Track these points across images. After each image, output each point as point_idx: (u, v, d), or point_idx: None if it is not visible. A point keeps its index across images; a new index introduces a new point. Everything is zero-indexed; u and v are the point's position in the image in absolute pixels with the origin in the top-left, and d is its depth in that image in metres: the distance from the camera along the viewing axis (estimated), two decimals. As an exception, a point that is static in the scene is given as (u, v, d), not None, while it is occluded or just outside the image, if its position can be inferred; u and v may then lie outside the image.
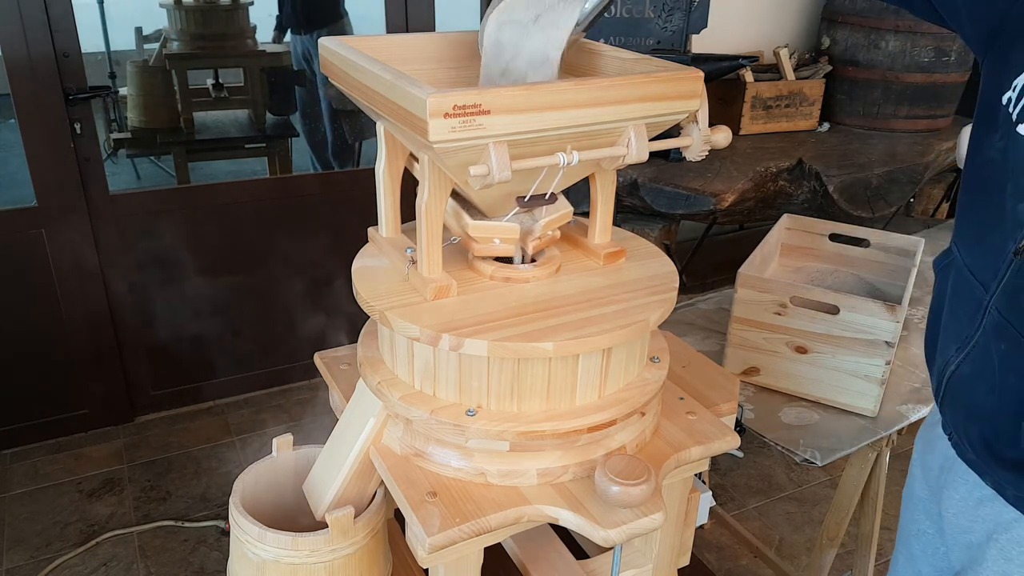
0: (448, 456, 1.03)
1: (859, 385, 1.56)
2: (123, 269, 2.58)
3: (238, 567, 1.14)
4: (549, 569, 1.14)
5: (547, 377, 0.99)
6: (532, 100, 0.88)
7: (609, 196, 1.14)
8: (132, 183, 4.13)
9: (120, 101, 3.38)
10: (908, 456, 1.23)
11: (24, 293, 2.46)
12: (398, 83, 0.89)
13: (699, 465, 1.15)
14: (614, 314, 1.01)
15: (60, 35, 2.26)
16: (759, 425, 1.54)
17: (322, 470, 1.17)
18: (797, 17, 3.43)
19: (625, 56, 1.07)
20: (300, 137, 3.68)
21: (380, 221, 1.18)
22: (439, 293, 1.02)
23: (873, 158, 2.86)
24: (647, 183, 2.52)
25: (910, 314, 1.94)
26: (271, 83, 3.45)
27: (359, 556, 1.11)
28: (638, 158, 0.97)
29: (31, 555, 2.19)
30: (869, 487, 1.74)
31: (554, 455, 1.03)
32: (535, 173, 0.96)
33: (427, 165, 0.97)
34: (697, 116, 1.03)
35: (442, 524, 0.94)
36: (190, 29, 3.21)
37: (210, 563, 2.18)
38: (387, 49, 1.14)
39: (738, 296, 1.62)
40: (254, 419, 2.80)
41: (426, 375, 1.03)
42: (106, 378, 2.67)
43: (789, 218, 1.94)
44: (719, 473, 2.58)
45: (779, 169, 2.68)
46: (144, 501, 2.40)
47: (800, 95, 3.09)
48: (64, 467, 2.54)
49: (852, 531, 1.88)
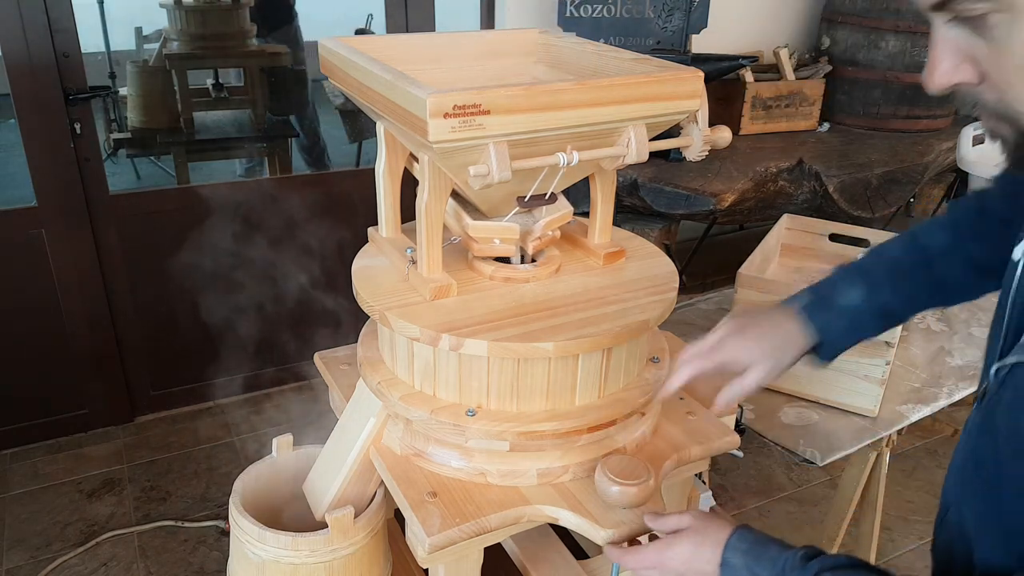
0: (448, 456, 1.03)
1: (859, 385, 1.56)
2: (123, 269, 2.58)
3: (238, 567, 1.14)
4: (549, 569, 1.14)
5: (547, 377, 0.99)
6: (532, 100, 0.88)
7: (609, 196, 1.14)
8: (132, 183, 4.13)
9: (120, 101, 3.38)
10: (908, 456, 1.23)
11: (24, 293, 2.46)
12: (398, 83, 0.89)
13: (699, 465, 1.15)
14: (614, 314, 1.01)
15: (60, 35, 2.26)
16: (759, 425, 1.54)
17: (322, 470, 1.17)
18: (797, 17, 3.43)
19: (625, 56, 1.07)
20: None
21: (380, 221, 1.18)
22: (439, 293, 1.02)
23: (873, 158, 2.86)
24: (647, 183, 2.52)
25: (910, 314, 1.94)
26: (271, 83, 3.44)
27: (359, 556, 1.11)
28: (638, 158, 0.97)
29: (31, 555, 2.19)
30: (869, 487, 1.74)
31: (554, 455, 1.03)
32: (535, 173, 0.96)
33: (427, 165, 0.97)
34: (697, 116, 1.03)
35: (442, 524, 0.94)
36: (190, 29, 3.20)
37: (210, 563, 2.18)
38: (387, 49, 1.14)
39: (738, 296, 1.62)
40: (254, 419, 2.80)
41: (426, 375, 1.03)
42: (106, 378, 2.67)
43: (789, 218, 1.94)
44: (719, 473, 2.57)
45: (779, 169, 2.68)
46: (144, 501, 2.40)
47: (800, 95, 3.09)
48: (64, 467, 2.54)
49: (852, 531, 1.88)
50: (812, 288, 1.00)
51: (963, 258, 0.98)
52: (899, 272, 0.99)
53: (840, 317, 0.97)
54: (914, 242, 1.01)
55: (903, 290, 0.99)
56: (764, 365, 0.95)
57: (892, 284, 0.98)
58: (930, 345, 1.84)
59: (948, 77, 0.65)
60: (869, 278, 0.99)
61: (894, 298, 0.98)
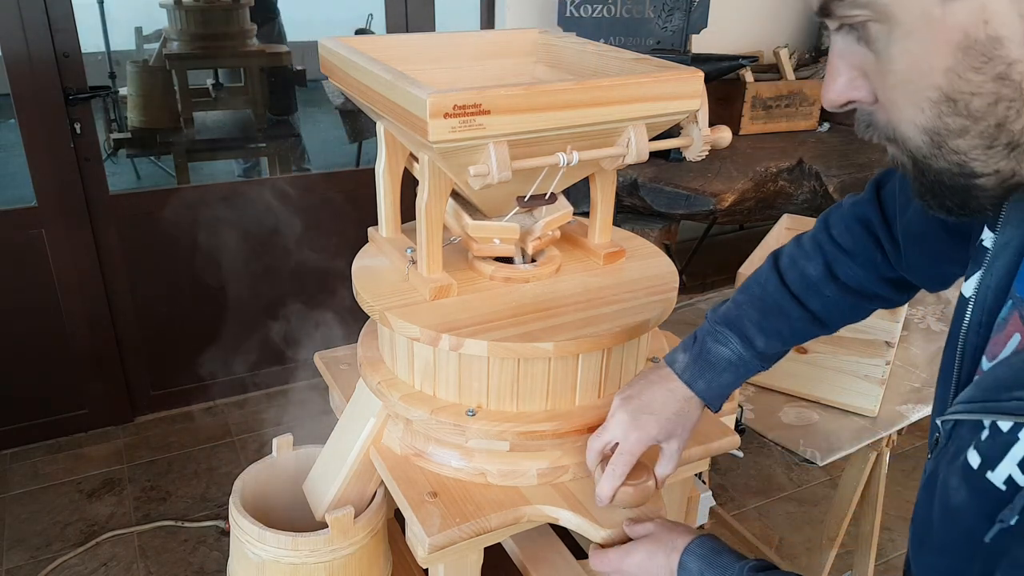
0: (448, 456, 1.03)
1: (859, 385, 1.56)
2: (123, 269, 2.58)
3: (238, 567, 1.14)
4: (549, 569, 1.14)
5: (547, 377, 0.99)
6: (532, 100, 0.88)
7: (609, 196, 1.14)
8: (132, 183, 4.13)
9: (120, 101, 3.38)
10: (908, 456, 1.23)
11: (24, 293, 2.46)
12: (398, 83, 0.89)
13: (699, 465, 1.15)
14: (614, 314, 1.01)
15: (60, 35, 2.26)
16: (759, 425, 1.54)
17: (322, 470, 1.17)
18: (797, 17, 3.43)
19: (625, 56, 1.07)
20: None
21: (380, 221, 1.18)
22: (439, 293, 1.02)
23: (873, 158, 2.86)
24: (647, 183, 2.52)
25: (910, 314, 1.94)
26: (271, 83, 3.45)
27: (359, 556, 1.11)
28: (638, 158, 0.97)
29: (31, 555, 2.19)
30: (869, 487, 1.74)
31: (554, 455, 1.03)
32: (535, 173, 0.96)
33: (427, 165, 0.97)
34: (697, 116, 1.03)
35: (442, 524, 0.94)
36: (190, 29, 3.20)
37: (210, 563, 2.18)
38: (387, 49, 1.14)
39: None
40: (254, 419, 2.80)
41: (426, 375, 1.03)
42: (106, 378, 2.67)
43: (789, 218, 1.93)
44: (719, 473, 2.57)
45: (779, 169, 2.68)
46: (144, 501, 2.40)
47: (800, 95, 3.09)
48: (64, 467, 2.54)
49: (852, 531, 1.88)
50: (686, 344, 0.96)
51: (837, 286, 0.93)
52: (770, 314, 0.94)
53: (721, 373, 0.93)
54: (780, 277, 0.96)
55: (777, 332, 0.94)
56: (674, 441, 0.93)
57: (764, 329, 0.94)
58: (930, 345, 1.84)
59: (844, 93, 0.60)
60: (739, 327, 0.94)
61: (769, 342, 0.94)
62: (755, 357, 0.94)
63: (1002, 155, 0.54)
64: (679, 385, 0.93)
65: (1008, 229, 0.64)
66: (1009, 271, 0.64)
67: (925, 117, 0.55)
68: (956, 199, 0.59)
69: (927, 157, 0.57)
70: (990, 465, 0.57)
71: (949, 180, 0.58)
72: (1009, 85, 0.51)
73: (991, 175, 0.56)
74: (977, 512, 0.58)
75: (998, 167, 0.55)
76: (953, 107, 0.53)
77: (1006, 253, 0.64)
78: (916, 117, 0.56)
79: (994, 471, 0.56)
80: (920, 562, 0.69)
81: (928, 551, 0.67)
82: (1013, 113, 0.52)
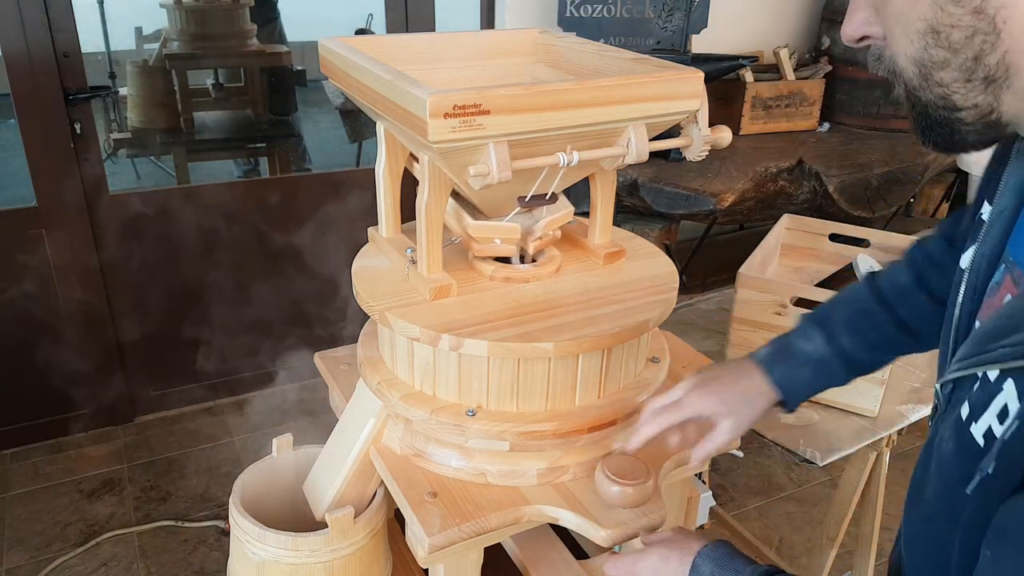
0: (448, 456, 1.03)
1: (859, 385, 1.55)
2: (123, 269, 2.58)
3: (238, 567, 1.14)
4: (549, 569, 1.14)
5: (547, 377, 0.99)
6: (532, 100, 0.88)
7: (609, 196, 1.14)
8: (132, 183, 4.12)
9: (120, 101, 3.38)
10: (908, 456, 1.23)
11: (24, 293, 2.46)
12: (398, 83, 0.89)
13: (699, 465, 1.15)
14: (614, 314, 1.01)
15: (60, 35, 2.26)
16: (759, 425, 1.54)
17: (322, 470, 1.17)
18: (797, 17, 3.43)
19: (625, 56, 1.07)
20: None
21: (380, 221, 1.18)
22: (439, 293, 1.02)
23: (873, 158, 2.86)
24: (647, 183, 2.52)
25: (910, 314, 1.94)
26: (271, 83, 3.44)
27: (359, 556, 1.11)
28: (638, 158, 0.97)
29: (31, 555, 2.19)
30: (869, 487, 1.74)
31: (554, 455, 1.03)
32: (535, 173, 0.96)
33: (427, 165, 0.97)
34: (697, 116, 1.03)
35: (442, 524, 0.94)
36: (190, 29, 3.20)
37: (210, 563, 2.18)
38: (387, 49, 1.14)
39: (738, 296, 1.62)
40: (254, 419, 2.80)
41: (426, 375, 1.03)
42: (106, 378, 2.66)
43: (789, 218, 1.94)
44: (719, 473, 2.57)
45: (779, 169, 2.68)
46: (144, 501, 2.40)
47: (800, 95, 3.09)
48: (64, 467, 2.54)
49: (852, 531, 1.88)
50: (774, 340, 0.98)
51: (927, 295, 0.94)
52: (858, 316, 0.96)
53: (801, 367, 0.95)
54: (872, 284, 0.98)
55: (863, 334, 0.96)
56: (730, 420, 0.93)
57: (851, 329, 0.95)
58: (930, 345, 1.84)
59: (859, 28, 0.64)
60: (827, 325, 0.96)
61: (854, 343, 0.95)
62: (837, 357, 0.95)
63: (979, 89, 0.58)
64: (756, 372, 0.95)
65: (1003, 199, 0.67)
66: (1003, 237, 0.66)
67: (914, 48, 0.60)
68: (942, 132, 0.63)
69: (916, 89, 0.62)
70: (974, 417, 0.59)
71: (935, 113, 0.62)
72: (983, 19, 0.55)
73: (971, 109, 0.60)
74: (959, 464, 0.60)
75: (976, 101, 0.59)
76: (936, 38, 0.58)
77: (1000, 220, 0.67)
78: (908, 48, 0.60)
79: (976, 423, 0.59)
80: (909, 524, 0.71)
81: (916, 514, 0.70)
82: (988, 47, 0.56)
